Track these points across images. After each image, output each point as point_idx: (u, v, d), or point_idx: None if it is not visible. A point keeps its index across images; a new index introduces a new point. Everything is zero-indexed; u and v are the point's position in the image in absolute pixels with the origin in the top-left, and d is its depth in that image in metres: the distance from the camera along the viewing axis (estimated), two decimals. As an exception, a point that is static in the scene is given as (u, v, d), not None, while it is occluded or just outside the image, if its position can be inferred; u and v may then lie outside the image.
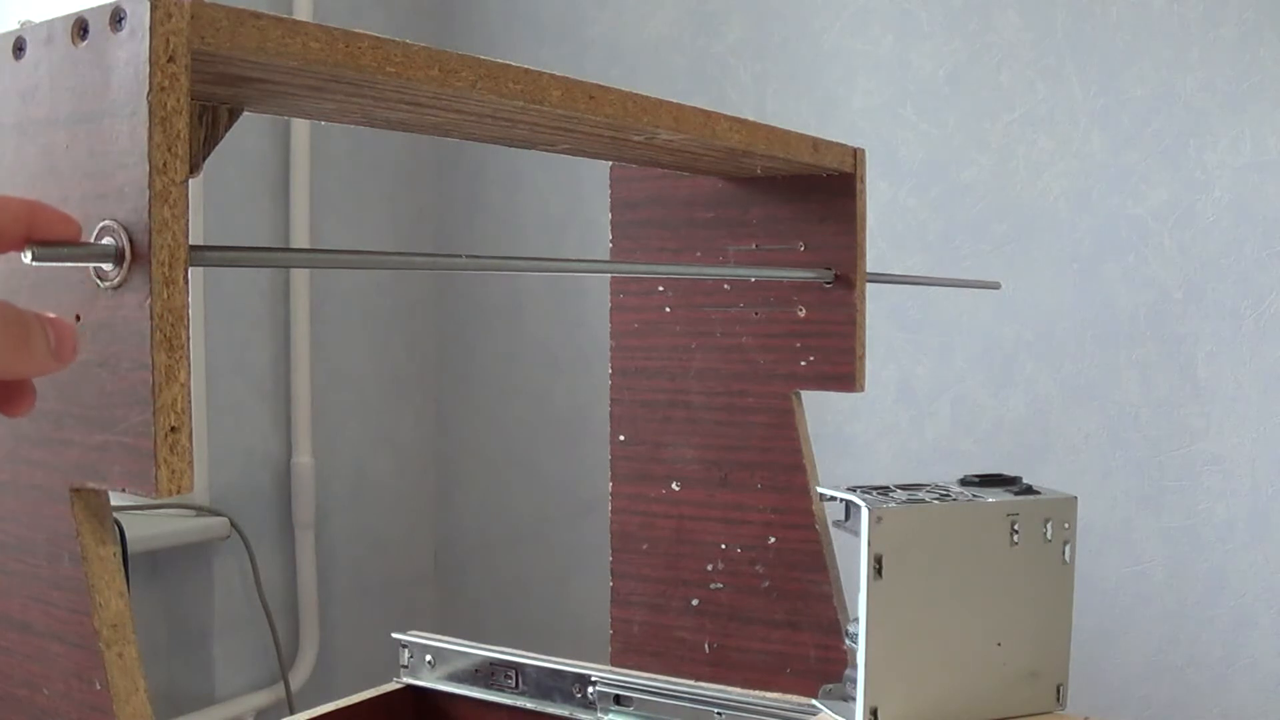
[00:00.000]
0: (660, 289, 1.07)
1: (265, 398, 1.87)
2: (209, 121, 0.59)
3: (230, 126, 0.60)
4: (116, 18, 0.48)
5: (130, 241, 0.48)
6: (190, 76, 0.48)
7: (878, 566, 0.84)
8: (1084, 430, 1.64)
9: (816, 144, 0.93)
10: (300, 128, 1.85)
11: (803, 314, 1.00)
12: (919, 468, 1.69)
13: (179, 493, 0.49)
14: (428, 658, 1.06)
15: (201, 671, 1.78)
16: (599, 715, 0.99)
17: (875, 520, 0.84)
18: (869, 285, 0.99)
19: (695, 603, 1.05)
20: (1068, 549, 0.91)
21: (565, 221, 2.02)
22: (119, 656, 0.52)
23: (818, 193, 0.99)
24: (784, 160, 0.91)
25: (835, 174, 0.97)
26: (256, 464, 1.86)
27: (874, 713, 0.85)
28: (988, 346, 1.70)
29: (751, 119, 0.85)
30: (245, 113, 0.61)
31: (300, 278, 1.88)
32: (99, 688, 0.52)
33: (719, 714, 0.94)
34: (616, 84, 0.72)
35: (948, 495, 0.90)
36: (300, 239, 1.87)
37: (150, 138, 0.47)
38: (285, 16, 0.53)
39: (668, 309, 1.06)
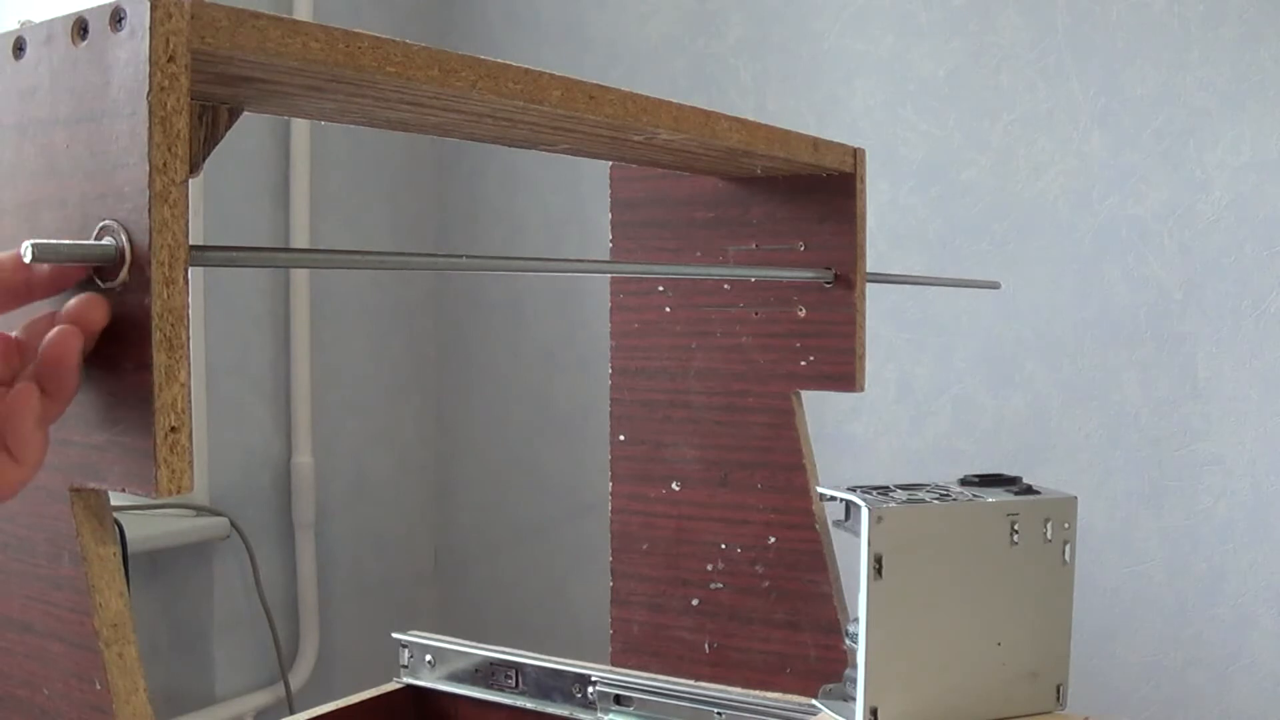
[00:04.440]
0: (660, 289, 1.07)
1: (265, 398, 1.87)
2: (209, 121, 0.59)
3: (230, 126, 0.60)
4: (116, 18, 0.48)
5: (130, 241, 0.48)
6: (190, 76, 0.48)
7: (878, 566, 0.84)
8: (1084, 430, 1.64)
9: (816, 144, 0.93)
10: (300, 128, 1.85)
11: (803, 314, 1.00)
12: (919, 468, 1.69)
13: (179, 493, 0.49)
14: (428, 658, 1.06)
15: (201, 671, 1.78)
16: (599, 715, 0.99)
17: (875, 520, 0.84)
18: (869, 285, 0.99)
19: (695, 603, 1.05)
20: (1068, 549, 0.91)
21: (565, 221, 2.02)
22: (119, 656, 0.52)
23: (818, 193, 0.99)
24: (784, 160, 0.91)
25: (835, 174, 0.97)
26: (256, 464, 1.86)
27: (874, 713, 0.85)
28: (988, 346, 1.70)
29: (751, 119, 0.85)
30: (245, 113, 0.61)
31: (300, 278, 1.88)
32: (99, 688, 0.52)
33: (719, 714, 0.94)
34: (616, 84, 0.72)
35: (948, 495, 0.90)
36: (300, 239, 1.87)
37: (150, 138, 0.47)
38: (285, 16, 0.53)
39: (668, 309, 1.06)
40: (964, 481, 0.94)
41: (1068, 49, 1.63)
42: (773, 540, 1.02)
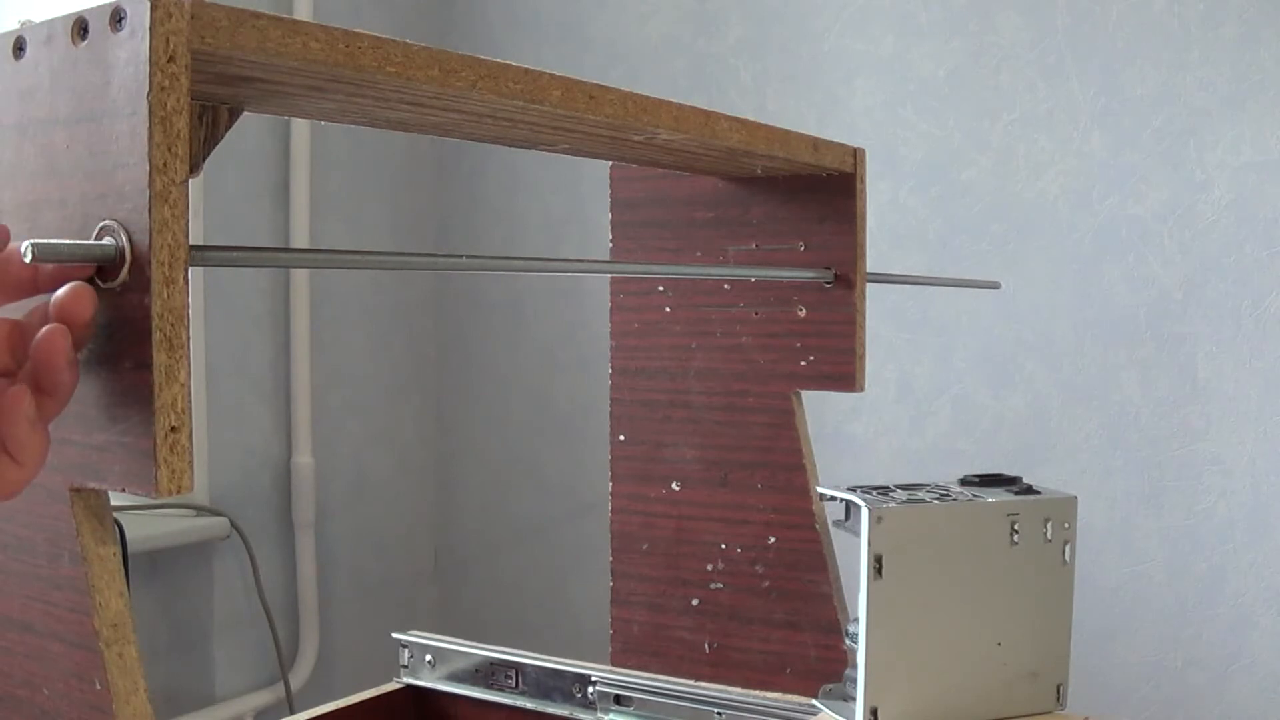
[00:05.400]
0: (660, 289, 1.07)
1: (265, 398, 1.87)
2: (209, 121, 0.59)
3: (230, 126, 0.60)
4: (116, 18, 0.48)
5: (130, 241, 0.48)
6: (190, 76, 0.48)
7: (878, 566, 0.84)
8: (1084, 430, 1.64)
9: (816, 144, 0.93)
10: (300, 128, 1.85)
11: (803, 314, 1.00)
12: (919, 468, 1.69)
13: (179, 493, 0.49)
14: (428, 658, 1.06)
15: (201, 671, 1.78)
16: (599, 715, 0.99)
17: (875, 520, 0.84)
18: (869, 285, 0.99)
19: (695, 603, 1.05)
20: (1068, 549, 0.91)
21: (565, 221, 2.02)
22: (119, 656, 0.52)
23: (818, 193, 0.99)
24: (784, 160, 0.91)
25: (835, 174, 0.97)
26: (256, 464, 1.86)
27: (874, 713, 0.85)
28: (988, 346, 1.70)
29: (751, 119, 0.85)
30: (245, 113, 0.61)
31: (300, 278, 1.88)
32: (99, 688, 0.52)
33: (719, 714, 0.94)
34: (616, 84, 0.72)
35: (948, 495, 0.90)
36: (300, 239, 1.87)
37: (150, 138, 0.47)
38: (285, 16, 0.52)
39: (668, 309, 1.06)
40: (964, 481, 0.94)
41: (1068, 49, 1.63)
42: (773, 540, 1.02)
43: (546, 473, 2.06)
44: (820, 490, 0.95)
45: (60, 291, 0.48)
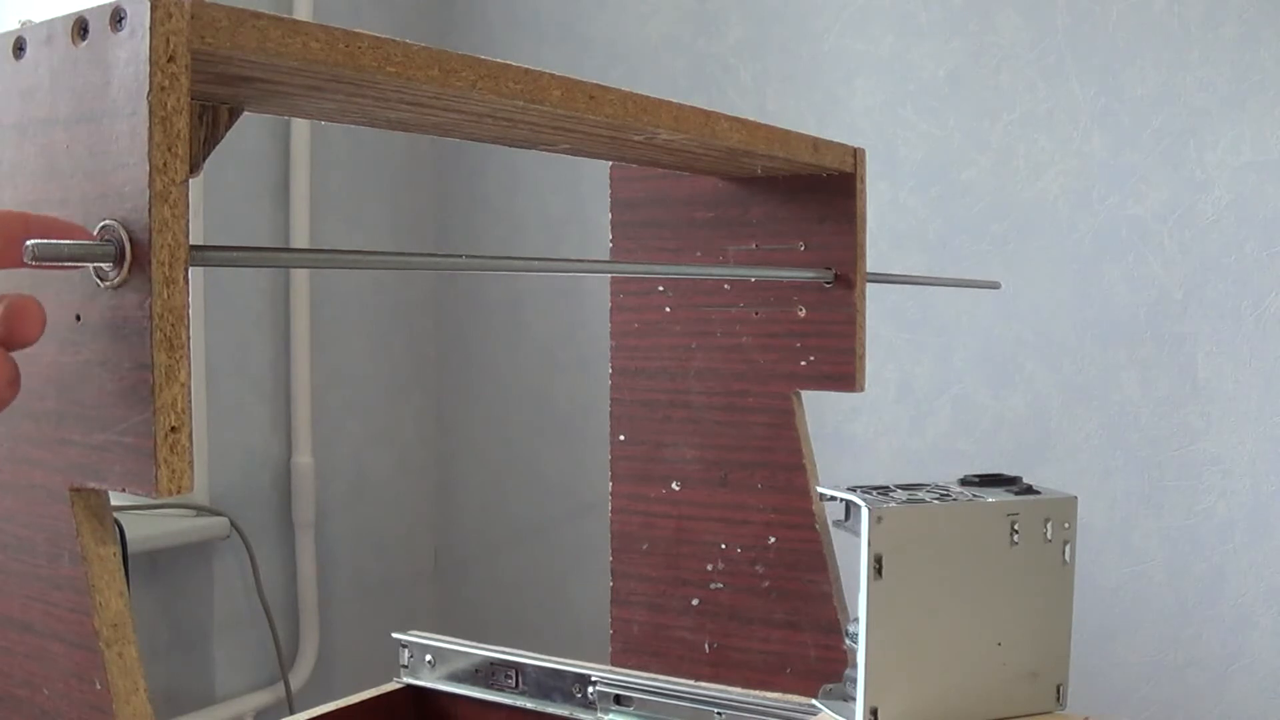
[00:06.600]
0: (660, 289, 1.07)
1: (265, 398, 1.87)
2: (209, 121, 0.59)
3: (230, 126, 0.60)
4: (116, 18, 0.48)
5: (130, 241, 0.48)
6: (190, 76, 0.48)
7: (878, 566, 0.84)
8: (1084, 430, 1.64)
9: (816, 144, 0.93)
10: (300, 128, 1.85)
11: (803, 314, 1.00)
12: (919, 468, 1.69)
13: (179, 493, 0.49)
14: (428, 658, 1.06)
15: (201, 671, 1.78)
16: (599, 715, 0.99)
17: (875, 520, 0.84)
18: (869, 285, 0.99)
19: (695, 603, 1.05)
20: (1068, 549, 0.91)
21: (565, 221, 2.02)
22: (119, 656, 0.52)
23: (818, 193, 0.99)
24: (784, 160, 0.91)
25: (835, 174, 0.97)
26: (256, 464, 1.86)
27: (874, 713, 0.85)
28: (988, 346, 1.70)
29: (751, 119, 0.85)
30: (245, 113, 0.61)
31: (300, 278, 1.88)
32: (99, 688, 0.52)
33: (719, 714, 0.94)
34: (616, 84, 0.72)
35: (948, 495, 0.90)
36: (300, 239, 1.87)
37: (150, 138, 0.47)
38: (285, 16, 0.52)
39: (668, 309, 1.06)
40: (964, 481, 0.94)
41: (1068, 49, 1.63)
42: (773, 540, 1.02)
43: (546, 473, 2.06)
44: (820, 490, 0.95)
45: (6, 308, 0.47)
